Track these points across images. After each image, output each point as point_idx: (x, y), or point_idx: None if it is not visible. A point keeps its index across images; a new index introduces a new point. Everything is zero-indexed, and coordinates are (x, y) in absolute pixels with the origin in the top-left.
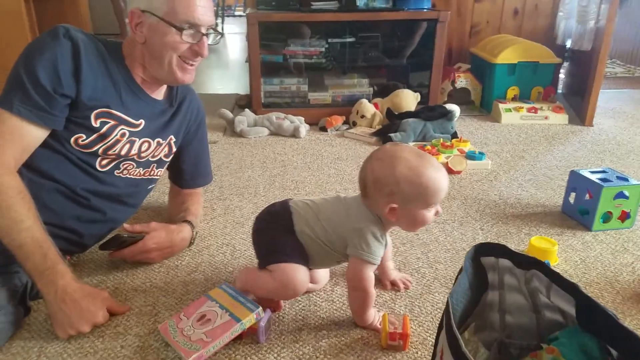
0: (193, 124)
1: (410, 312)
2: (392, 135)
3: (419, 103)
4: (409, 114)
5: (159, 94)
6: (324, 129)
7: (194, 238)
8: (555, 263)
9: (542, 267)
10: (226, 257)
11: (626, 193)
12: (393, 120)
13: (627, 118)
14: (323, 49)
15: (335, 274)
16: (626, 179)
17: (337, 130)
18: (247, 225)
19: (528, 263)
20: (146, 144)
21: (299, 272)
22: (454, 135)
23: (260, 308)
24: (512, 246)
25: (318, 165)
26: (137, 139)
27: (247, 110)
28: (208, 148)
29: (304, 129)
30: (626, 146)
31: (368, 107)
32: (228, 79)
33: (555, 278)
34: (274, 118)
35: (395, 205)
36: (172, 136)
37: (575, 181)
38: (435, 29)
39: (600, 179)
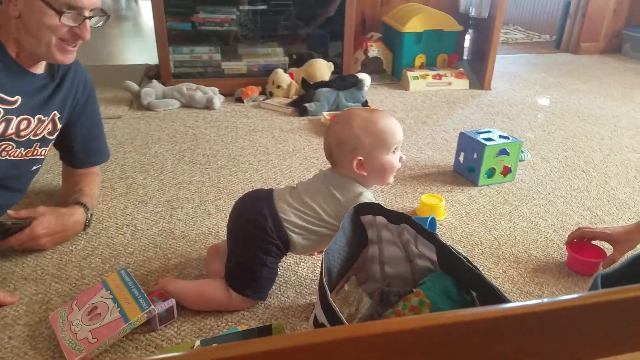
0: (81, 98)
1: (311, 273)
2: (307, 105)
3: (334, 72)
4: (323, 84)
5: (39, 67)
6: (240, 100)
7: (89, 220)
8: (443, 217)
9: (409, 221)
10: (126, 238)
11: (507, 150)
12: (308, 90)
13: (521, 81)
14: (234, 17)
15: None
16: (507, 137)
17: (253, 101)
18: (151, 203)
19: (398, 218)
20: (25, 122)
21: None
22: (365, 104)
23: (152, 307)
24: (407, 204)
25: (232, 138)
26: (14, 117)
27: (154, 81)
28: (101, 123)
29: (218, 100)
30: (517, 107)
31: (284, 77)
32: (140, 49)
33: (419, 230)
34: (185, 89)
35: (361, 158)
36: (55, 112)
37: (464, 142)
38: None
39: (484, 139)
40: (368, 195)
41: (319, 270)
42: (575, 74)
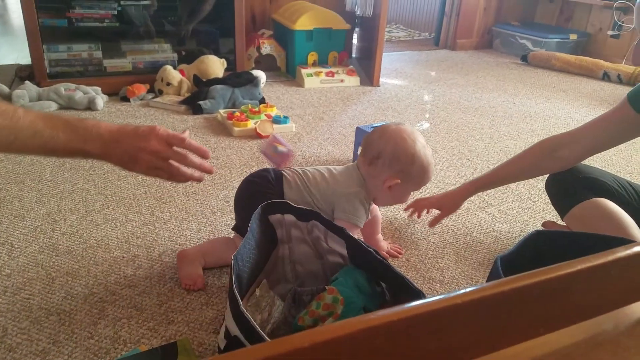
0: None
1: (218, 280)
2: (201, 103)
3: (227, 69)
4: (217, 81)
5: None
6: (125, 99)
7: None
8: None
9: (319, 217)
10: (2, 258)
11: None
12: (201, 88)
13: (407, 77)
14: (115, 12)
15: (133, 253)
16: None
17: (141, 99)
18: (29, 217)
19: (307, 215)
20: None
21: None
22: (262, 101)
23: None
24: None
25: None
26: None
27: (27, 82)
28: None
29: (100, 100)
30: (405, 101)
31: (173, 74)
32: (9, 48)
33: (329, 225)
34: (63, 90)
35: (398, 181)
36: None
37: (360, 136)
38: None
39: None
40: (360, 197)
41: (227, 277)
42: (454, 69)
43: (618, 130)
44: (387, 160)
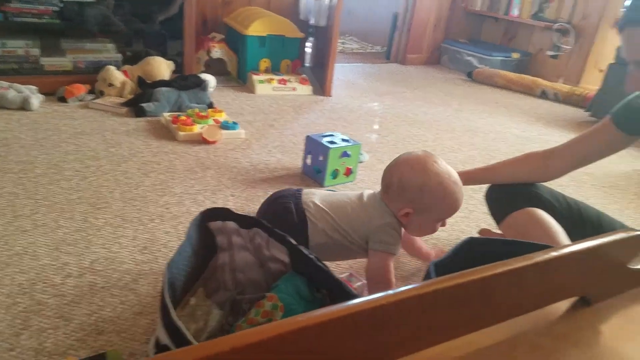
0: None
1: (153, 290)
2: (144, 105)
3: (175, 72)
4: (163, 83)
5: None
6: (62, 100)
7: None
8: None
9: (261, 225)
10: None
11: (349, 152)
12: (145, 89)
13: (358, 89)
14: (57, 8)
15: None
16: (348, 140)
17: (80, 100)
18: None
19: (249, 222)
20: None
21: None
22: (210, 106)
23: None
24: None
25: (53, 142)
26: None
27: None
28: None
29: (35, 100)
30: (356, 112)
31: (116, 75)
32: None
33: (271, 232)
34: None
35: (410, 211)
36: None
37: (310, 145)
38: None
39: (328, 142)
40: (396, 227)
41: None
42: (404, 82)
43: (601, 146)
44: (395, 190)
